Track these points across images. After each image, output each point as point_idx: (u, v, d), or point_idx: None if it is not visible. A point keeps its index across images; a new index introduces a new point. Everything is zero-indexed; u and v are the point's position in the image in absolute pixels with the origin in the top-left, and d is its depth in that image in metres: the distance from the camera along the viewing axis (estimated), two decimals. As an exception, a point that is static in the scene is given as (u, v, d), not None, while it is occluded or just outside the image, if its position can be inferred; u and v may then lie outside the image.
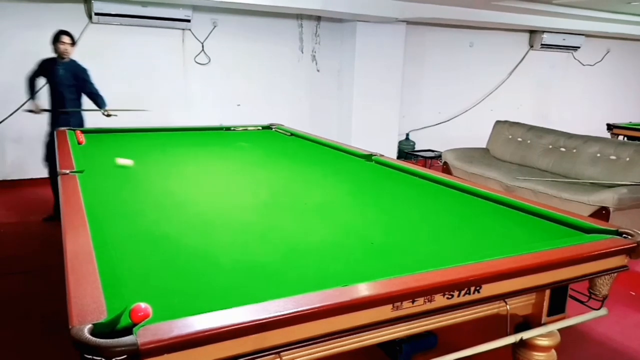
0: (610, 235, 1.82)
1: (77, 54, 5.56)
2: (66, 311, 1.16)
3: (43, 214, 4.54)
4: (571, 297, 1.79)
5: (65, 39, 4.23)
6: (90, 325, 1.07)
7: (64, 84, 4.31)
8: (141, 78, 5.94)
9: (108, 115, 4.39)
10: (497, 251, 1.63)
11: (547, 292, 1.70)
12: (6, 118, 5.30)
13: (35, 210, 4.61)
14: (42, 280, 3.29)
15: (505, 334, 1.66)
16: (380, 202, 2.38)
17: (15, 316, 2.88)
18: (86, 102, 4.53)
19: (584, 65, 9.10)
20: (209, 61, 6.26)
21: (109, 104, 5.76)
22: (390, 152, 6.83)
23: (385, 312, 1.33)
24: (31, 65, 4.36)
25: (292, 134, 4.26)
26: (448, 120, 7.98)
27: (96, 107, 4.42)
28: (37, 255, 3.73)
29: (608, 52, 9.29)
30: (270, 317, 1.16)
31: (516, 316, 1.72)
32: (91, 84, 4.45)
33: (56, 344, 2.52)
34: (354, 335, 1.33)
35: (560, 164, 4.99)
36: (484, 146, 6.02)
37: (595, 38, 8.84)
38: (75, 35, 5.50)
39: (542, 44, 8.30)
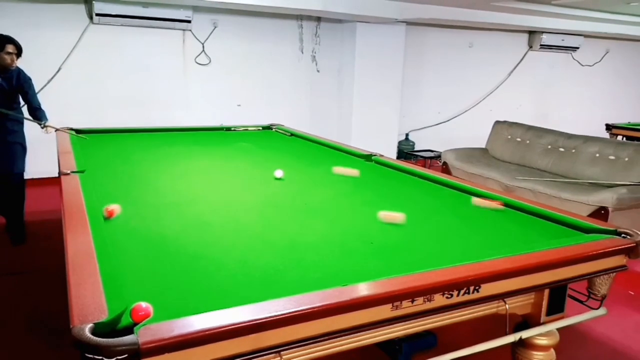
0: (609, 235, 1.82)
1: (78, 55, 5.63)
2: (67, 311, 1.17)
3: (42, 214, 4.54)
4: (570, 296, 1.80)
5: (11, 47, 3.61)
6: (91, 325, 1.08)
7: (4, 95, 3.73)
8: (142, 78, 5.95)
9: (46, 130, 3.84)
10: (496, 251, 1.64)
11: (546, 291, 1.70)
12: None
13: (34, 210, 4.60)
14: (42, 280, 3.30)
15: (505, 334, 1.67)
16: (379, 202, 2.38)
17: (14, 316, 2.88)
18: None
19: (583, 65, 9.10)
20: (210, 62, 6.26)
21: (107, 106, 5.86)
22: (389, 152, 6.83)
23: (384, 311, 1.33)
24: (31, 65, 4.35)
25: (292, 134, 4.26)
26: (448, 121, 7.99)
27: (35, 120, 3.88)
28: (37, 255, 3.74)
29: (607, 52, 9.29)
30: (270, 317, 1.17)
31: (515, 315, 1.73)
32: (32, 96, 3.90)
33: (56, 344, 2.53)
34: (354, 335, 1.33)
35: (560, 164, 5.00)
36: (484, 146, 6.02)
37: (594, 38, 8.85)
38: (76, 36, 5.57)
39: (541, 45, 8.30)
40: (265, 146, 3.90)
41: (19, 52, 3.69)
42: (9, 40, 3.62)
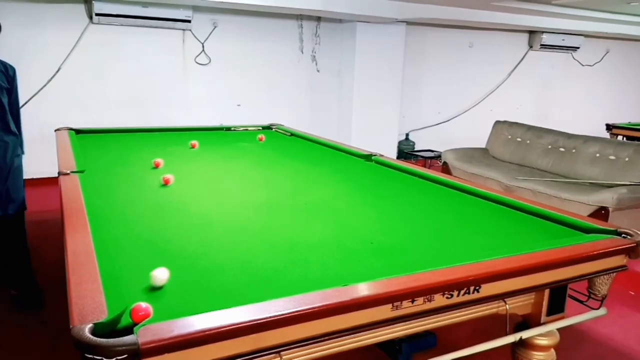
0: (610, 235, 1.82)
1: (78, 55, 5.62)
2: (66, 311, 1.16)
3: (42, 214, 4.54)
4: (570, 296, 1.80)
5: None
6: (91, 325, 1.07)
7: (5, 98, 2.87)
8: (142, 78, 5.95)
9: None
10: (497, 251, 1.64)
11: (547, 291, 1.70)
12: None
13: (34, 210, 4.60)
14: (42, 281, 3.29)
15: (505, 334, 1.66)
16: (379, 202, 2.38)
17: (14, 316, 2.88)
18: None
19: (583, 65, 9.10)
20: (209, 61, 6.26)
21: (107, 106, 5.84)
22: (390, 152, 6.83)
23: (384, 311, 1.33)
24: (31, 65, 4.34)
25: (292, 134, 4.26)
26: (448, 121, 7.99)
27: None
28: (37, 255, 3.73)
29: (607, 52, 9.30)
30: (270, 317, 1.17)
31: (515, 316, 1.73)
32: (18, 97, 3.01)
33: (56, 344, 2.53)
34: (354, 335, 1.33)
35: (560, 164, 5.00)
36: (484, 146, 6.02)
37: (595, 38, 8.85)
38: (76, 35, 5.56)
39: (541, 45, 8.30)
40: (265, 146, 3.90)
41: None
42: None
